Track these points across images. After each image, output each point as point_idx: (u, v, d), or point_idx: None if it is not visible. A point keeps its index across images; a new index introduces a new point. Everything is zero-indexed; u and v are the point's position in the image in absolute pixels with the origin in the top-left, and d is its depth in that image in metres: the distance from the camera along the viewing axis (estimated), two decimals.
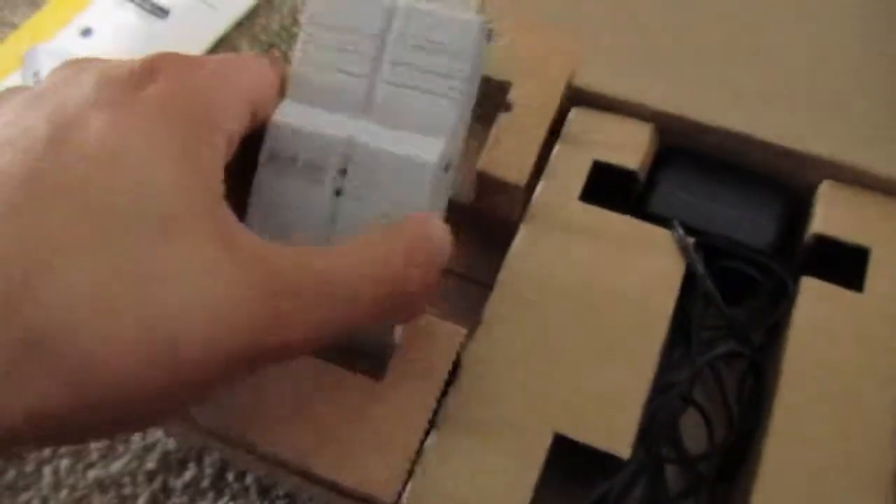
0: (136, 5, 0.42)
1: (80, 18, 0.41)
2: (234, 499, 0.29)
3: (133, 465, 0.30)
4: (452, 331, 0.25)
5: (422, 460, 0.23)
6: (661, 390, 0.25)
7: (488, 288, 0.26)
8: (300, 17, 0.42)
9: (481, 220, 0.29)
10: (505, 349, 0.25)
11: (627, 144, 0.29)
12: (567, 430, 0.23)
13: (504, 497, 0.23)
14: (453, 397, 0.24)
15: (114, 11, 0.42)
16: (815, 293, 0.26)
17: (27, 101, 0.19)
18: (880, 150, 0.28)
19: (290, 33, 0.41)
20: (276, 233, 0.22)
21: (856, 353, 0.24)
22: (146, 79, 0.20)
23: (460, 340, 0.24)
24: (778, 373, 0.25)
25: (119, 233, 0.17)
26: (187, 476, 0.30)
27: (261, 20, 0.42)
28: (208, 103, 0.20)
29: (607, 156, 0.28)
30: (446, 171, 0.23)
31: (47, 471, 0.30)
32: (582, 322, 0.25)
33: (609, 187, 0.28)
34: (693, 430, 0.27)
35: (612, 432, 0.23)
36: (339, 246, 0.21)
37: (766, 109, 0.29)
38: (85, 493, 0.29)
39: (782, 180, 0.29)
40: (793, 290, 0.26)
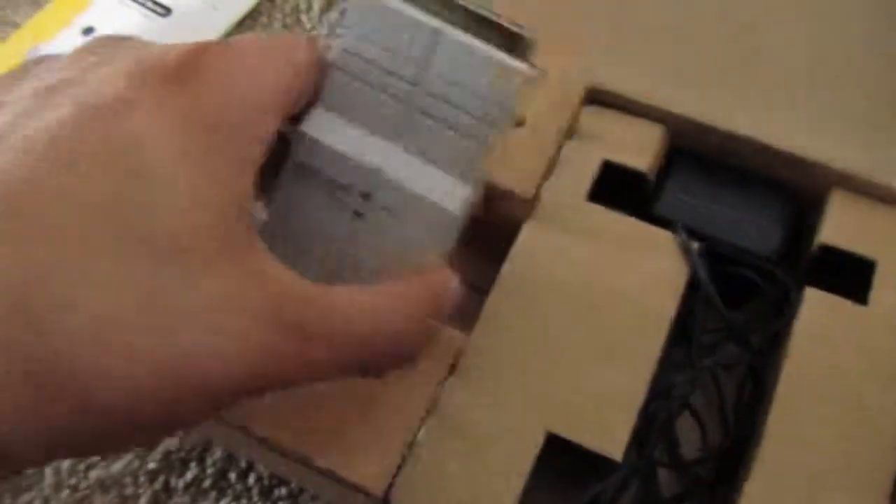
0: (138, 4, 0.42)
1: (82, 18, 0.41)
2: (237, 499, 0.29)
3: (135, 464, 0.30)
4: (452, 335, 0.25)
5: (413, 454, 0.23)
6: (659, 393, 0.25)
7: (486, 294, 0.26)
8: (302, 17, 0.42)
9: (485, 227, 0.29)
10: (503, 346, 0.25)
11: (638, 145, 0.29)
12: (560, 430, 0.23)
13: (494, 493, 0.23)
14: (448, 392, 0.24)
15: (116, 11, 0.41)
16: (818, 304, 0.25)
17: (53, 79, 0.18)
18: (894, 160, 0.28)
19: (291, 32, 0.41)
20: (295, 240, 0.22)
21: (857, 360, 0.24)
22: (182, 75, 0.18)
23: (459, 346, 0.25)
24: (777, 378, 0.24)
25: (129, 246, 0.17)
26: (189, 476, 0.30)
27: (262, 19, 0.42)
28: (245, 109, 0.19)
29: (618, 156, 0.28)
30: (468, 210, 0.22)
31: (49, 471, 0.30)
32: (581, 322, 0.25)
33: (618, 188, 0.28)
34: (689, 435, 0.27)
35: (605, 433, 0.23)
36: (361, 289, 0.21)
37: (777, 114, 0.29)
38: (87, 493, 0.29)
39: (790, 186, 0.28)
40: (796, 298, 0.26)
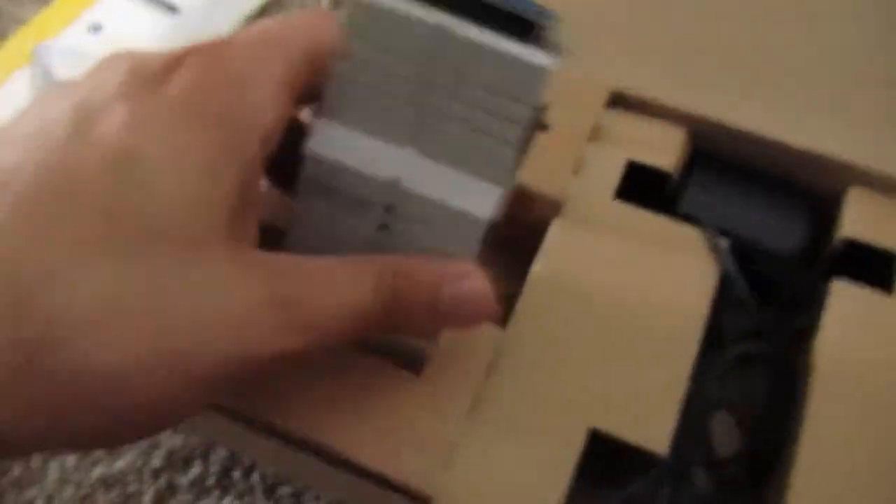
0: (145, 1, 0.41)
1: (89, 14, 0.41)
2: (240, 497, 0.29)
3: (138, 462, 0.30)
4: (489, 330, 0.25)
5: (457, 453, 0.23)
6: (691, 391, 0.25)
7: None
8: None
9: (511, 227, 0.29)
10: (538, 344, 0.25)
11: (662, 146, 0.29)
12: (603, 426, 0.23)
13: (538, 490, 0.22)
14: (488, 390, 0.24)
15: (123, 7, 0.41)
16: (845, 296, 0.26)
17: (65, 87, 0.19)
18: None
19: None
20: (321, 253, 0.21)
21: (888, 354, 0.24)
22: (172, 73, 0.19)
23: (497, 343, 0.25)
24: (809, 376, 0.24)
25: (126, 243, 0.17)
26: (192, 474, 0.29)
27: (270, 16, 0.42)
28: (238, 102, 0.19)
29: (642, 156, 0.29)
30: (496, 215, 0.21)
31: (52, 468, 0.30)
32: (615, 320, 0.25)
33: (642, 188, 0.28)
34: (722, 432, 0.27)
35: (650, 429, 0.23)
36: (340, 259, 0.20)
37: (794, 114, 0.29)
38: (90, 490, 0.29)
39: (809, 184, 0.29)
40: (822, 293, 0.26)
